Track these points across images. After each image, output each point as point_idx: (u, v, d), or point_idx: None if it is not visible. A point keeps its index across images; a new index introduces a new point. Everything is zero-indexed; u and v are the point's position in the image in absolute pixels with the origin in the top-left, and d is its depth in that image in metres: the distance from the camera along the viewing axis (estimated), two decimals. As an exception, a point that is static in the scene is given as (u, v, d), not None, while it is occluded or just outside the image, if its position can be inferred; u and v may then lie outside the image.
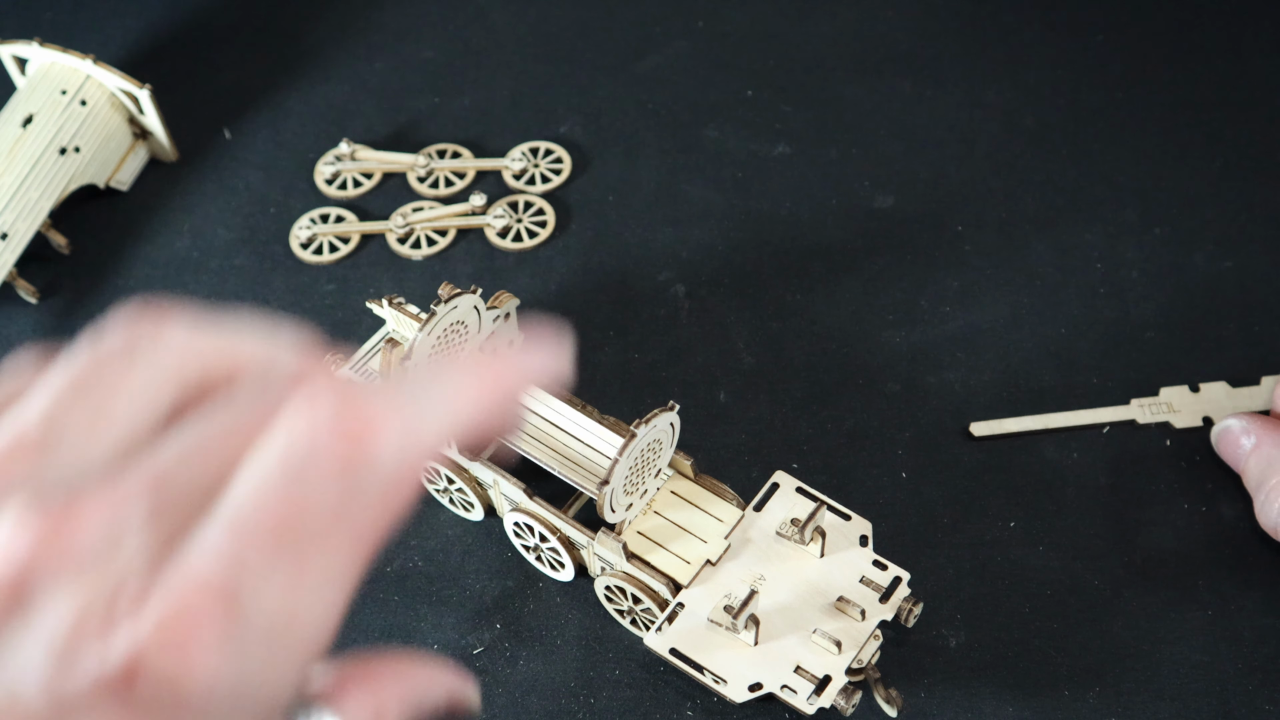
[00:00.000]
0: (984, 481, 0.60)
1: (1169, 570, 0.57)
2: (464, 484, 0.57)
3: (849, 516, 0.54)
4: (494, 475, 0.55)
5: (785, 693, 0.49)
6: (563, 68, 0.79)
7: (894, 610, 0.51)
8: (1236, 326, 0.65)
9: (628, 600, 0.54)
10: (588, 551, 0.54)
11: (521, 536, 0.57)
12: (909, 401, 0.63)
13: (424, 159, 0.73)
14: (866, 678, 0.51)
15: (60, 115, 0.67)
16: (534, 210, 0.71)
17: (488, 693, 0.55)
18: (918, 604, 0.52)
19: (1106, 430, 0.61)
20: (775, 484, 0.55)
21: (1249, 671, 0.54)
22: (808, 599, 0.52)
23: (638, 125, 0.75)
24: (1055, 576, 0.57)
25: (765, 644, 0.50)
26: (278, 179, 0.74)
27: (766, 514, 0.54)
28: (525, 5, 0.82)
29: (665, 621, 0.51)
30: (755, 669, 0.50)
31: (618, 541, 0.53)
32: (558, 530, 0.55)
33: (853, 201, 0.71)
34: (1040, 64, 0.77)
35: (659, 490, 0.56)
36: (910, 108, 0.75)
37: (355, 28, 0.82)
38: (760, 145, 0.74)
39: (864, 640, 0.51)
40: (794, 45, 0.79)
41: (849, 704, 0.50)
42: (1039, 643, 0.55)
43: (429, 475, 0.57)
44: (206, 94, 0.78)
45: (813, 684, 0.49)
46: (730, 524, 0.54)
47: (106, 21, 0.82)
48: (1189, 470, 0.60)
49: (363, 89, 0.78)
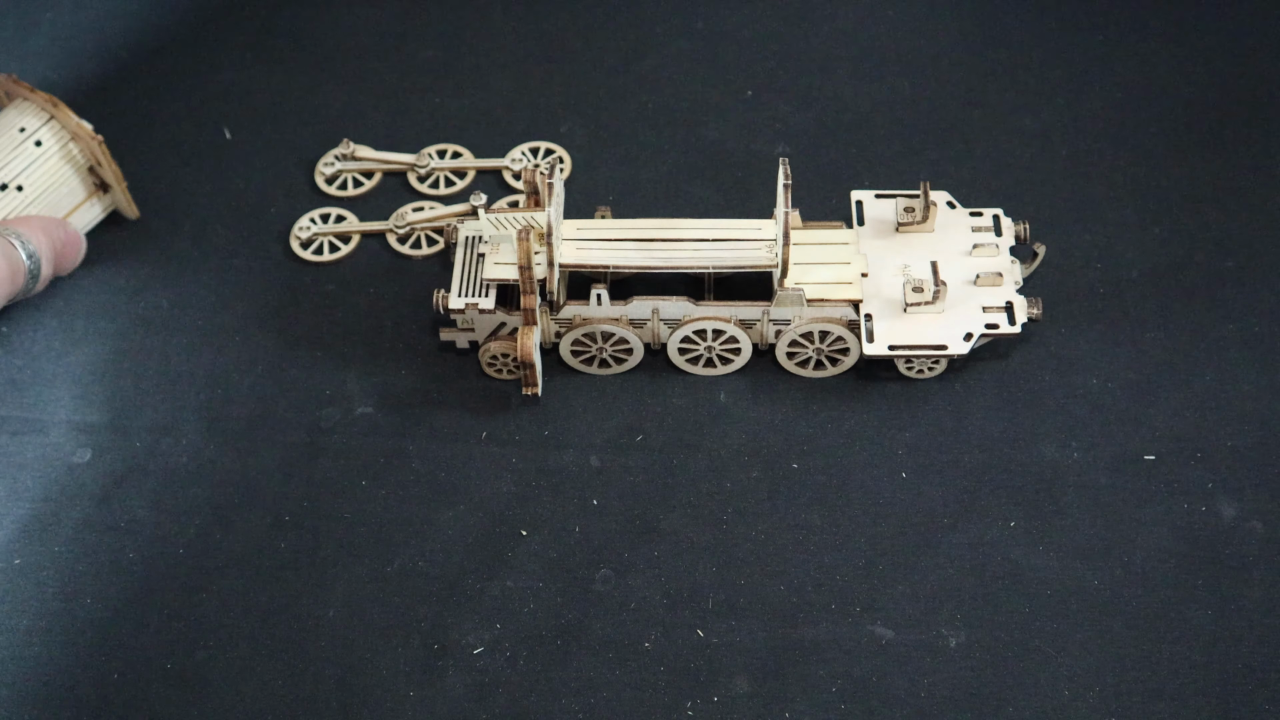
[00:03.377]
0: (984, 481, 0.60)
1: (1169, 570, 0.57)
2: (621, 332, 0.62)
3: (927, 193, 0.63)
4: (652, 305, 0.61)
5: (991, 329, 0.60)
6: (563, 68, 0.79)
7: (1013, 233, 0.63)
8: (1237, 327, 0.65)
9: (814, 342, 0.62)
10: (762, 322, 0.61)
11: (691, 348, 0.62)
12: (909, 401, 0.63)
13: (424, 159, 0.73)
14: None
15: (11, 151, 0.66)
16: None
17: (488, 693, 0.55)
18: (1020, 222, 0.63)
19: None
20: (859, 201, 0.65)
21: (1249, 671, 0.54)
22: (949, 260, 0.62)
23: (638, 125, 0.75)
24: (1055, 576, 0.57)
25: (949, 308, 0.60)
26: (278, 179, 0.74)
27: (871, 223, 0.64)
28: (525, 5, 0.82)
29: (867, 333, 0.60)
30: (954, 327, 0.60)
31: (795, 291, 0.60)
32: (730, 319, 0.61)
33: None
34: (1040, 64, 0.77)
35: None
36: (910, 108, 0.75)
37: (355, 28, 0.82)
38: (760, 145, 0.74)
39: (1011, 262, 0.62)
40: (794, 45, 0.79)
41: (1039, 311, 0.61)
42: (1039, 643, 0.55)
43: (580, 346, 0.63)
44: (206, 94, 0.78)
45: (1005, 311, 0.60)
46: (852, 243, 0.63)
47: (106, 22, 0.82)
48: (1189, 470, 0.60)
49: (363, 89, 0.78)
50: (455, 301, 0.62)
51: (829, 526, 0.59)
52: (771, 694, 0.54)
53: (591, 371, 0.64)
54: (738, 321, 0.62)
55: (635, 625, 0.57)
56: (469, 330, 0.63)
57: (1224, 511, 0.59)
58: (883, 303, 0.61)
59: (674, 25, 0.81)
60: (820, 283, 0.62)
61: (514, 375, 0.64)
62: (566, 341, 0.62)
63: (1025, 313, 0.60)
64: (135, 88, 0.79)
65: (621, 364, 0.64)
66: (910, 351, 0.60)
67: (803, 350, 0.63)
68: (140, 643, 0.57)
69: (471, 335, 0.64)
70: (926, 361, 0.62)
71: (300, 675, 0.56)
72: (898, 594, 0.57)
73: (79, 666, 0.56)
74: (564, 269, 0.61)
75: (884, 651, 0.55)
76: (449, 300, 0.62)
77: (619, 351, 0.63)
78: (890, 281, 0.62)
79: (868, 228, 0.64)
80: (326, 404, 0.64)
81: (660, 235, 0.62)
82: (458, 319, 0.63)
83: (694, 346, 0.63)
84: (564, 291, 0.63)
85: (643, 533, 0.59)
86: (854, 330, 0.61)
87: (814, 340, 0.62)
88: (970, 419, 0.62)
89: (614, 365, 0.64)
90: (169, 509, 0.61)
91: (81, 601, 0.58)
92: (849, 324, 0.61)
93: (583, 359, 0.64)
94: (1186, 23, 0.79)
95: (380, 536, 0.60)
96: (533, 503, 0.60)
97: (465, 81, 0.78)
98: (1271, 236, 0.68)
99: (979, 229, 0.63)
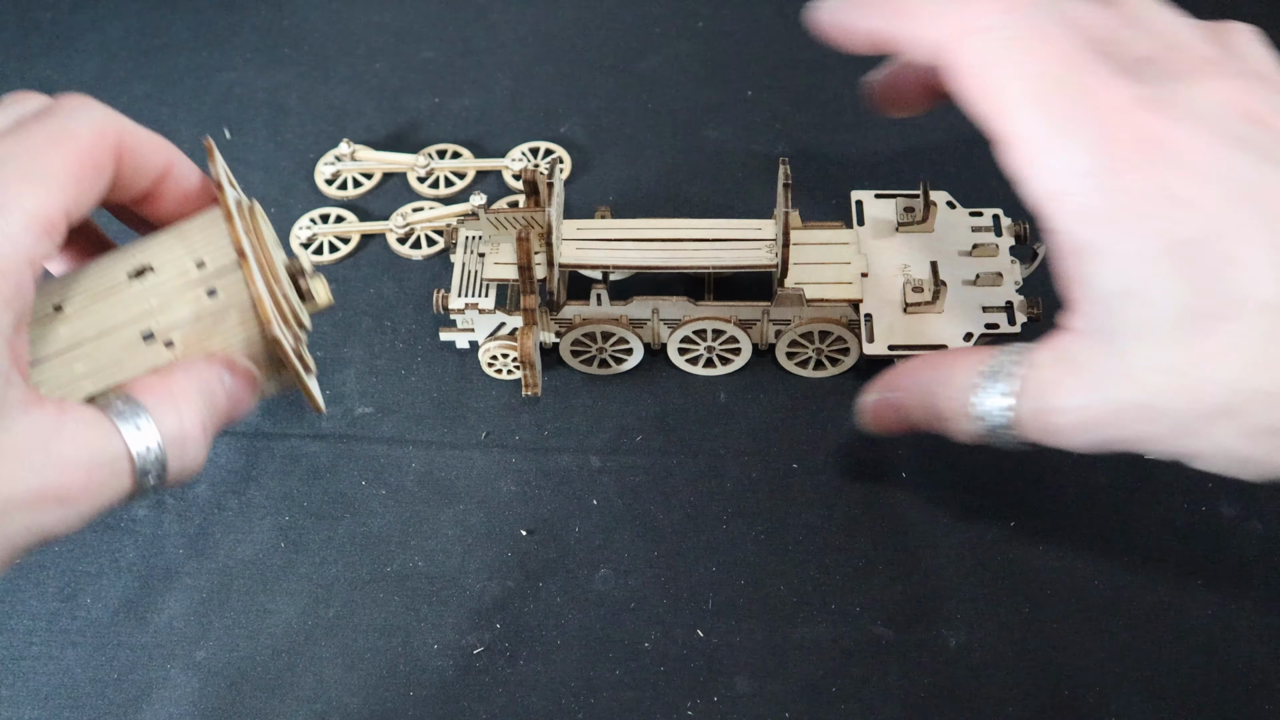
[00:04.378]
0: (983, 481, 0.60)
1: (1169, 570, 0.57)
2: (621, 332, 0.62)
3: (927, 193, 0.63)
4: (651, 305, 0.61)
5: (991, 329, 0.59)
6: (563, 68, 0.79)
7: (1013, 233, 0.63)
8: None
9: (814, 343, 0.62)
10: (761, 323, 0.61)
11: (691, 348, 0.63)
12: (909, 401, 0.63)
13: (424, 159, 0.73)
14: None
15: (176, 290, 0.43)
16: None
17: (488, 693, 0.55)
18: (1019, 222, 0.63)
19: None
20: (859, 201, 0.65)
21: (1249, 671, 0.54)
22: (949, 260, 0.62)
23: (638, 125, 0.75)
24: (1055, 576, 0.57)
25: (948, 308, 0.60)
26: (278, 179, 0.74)
27: (871, 224, 0.64)
28: (525, 5, 0.82)
29: (867, 333, 0.60)
30: (954, 327, 0.60)
31: (795, 292, 0.60)
32: (730, 318, 0.61)
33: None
34: (1040, 64, 0.77)
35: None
36: (910, 108, 0.75)
37: (355, 28, 0.82)
38: (760, 145, 0.74)
39: (1011, 262, 0.62)
40: (794, 45, 0.79)
41: (1039, 311, 0.60)
42: (1039, 643, 0.55)
43: (580, 346, 0.62)
44: (206, 94, 0.78)
45: (1005, 311, 0.60)
46: (852, 243, 0.62)
47: (107, 22, 0.82)
48: (1189, 470, 0.60)
49: (363, 89, 0.78)
50: (455, 301, 0.62)
51: (829, 526, 0.59)
52: (771, 694, 0.54)
53: (591, 371, 0.64)
54: (737, 321, 0.62)
55: (635, 625, 0.57)
56: (469, 330, 0.63)
57: (1224, 511, 0.59)
58: (883, 303, 0.61)
59: (674, 25, 0.81)
60: (820, 283, 0.62)
61: (514, 375, 0.64)
62: (566, 341, 0.62)
63: (1025, 313, 0.61)
64: (135, 88, 0.79)
65: (621, 364, 0.64)
66: (910, 351, 0.60)
67: (803, 350, 0.63)
68: (140, 642, 0.57)
69: (471, 335, 0.64)
70: None
71: (300, 675, 0.56)
72: (897, 594, 0.57)
73: (79, 666, 0.56)
74: (564, 269, 0.61)
75: (884, 651, 0.55)
76: (449, 300, 0.62)
77: (619, 351, 0.63)
78: (890, 281, 0.62)
79: (868, 227, 0.64)
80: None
81: (660, 235, 0.62)
82: (458, 319, 0.63)
83: (694, 346, 0.63)
84: (564, 291, 0.63)
85: (643, 533, 0.59)
86: (854, 330, 0.61)
87: (814, 340, 0.62)
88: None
89: (614, 365, 0.64)
90: (169, 509, 0.61)
91: (81, 601, 0.58)
92: (849, 324, 0.61)
93: (582, 359, 0.64)
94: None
95: (380, 536, 0.60)
96: (533, 503, 0.60)
97: (465, 81, 0.78)
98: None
99: (979, 229, 0.63)
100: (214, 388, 0.41)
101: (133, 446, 0.37)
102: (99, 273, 0.43)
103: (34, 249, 0.36)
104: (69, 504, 0.36)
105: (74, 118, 0.40)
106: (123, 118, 0.42)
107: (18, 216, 0.36)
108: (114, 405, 0.38)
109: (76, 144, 0.39)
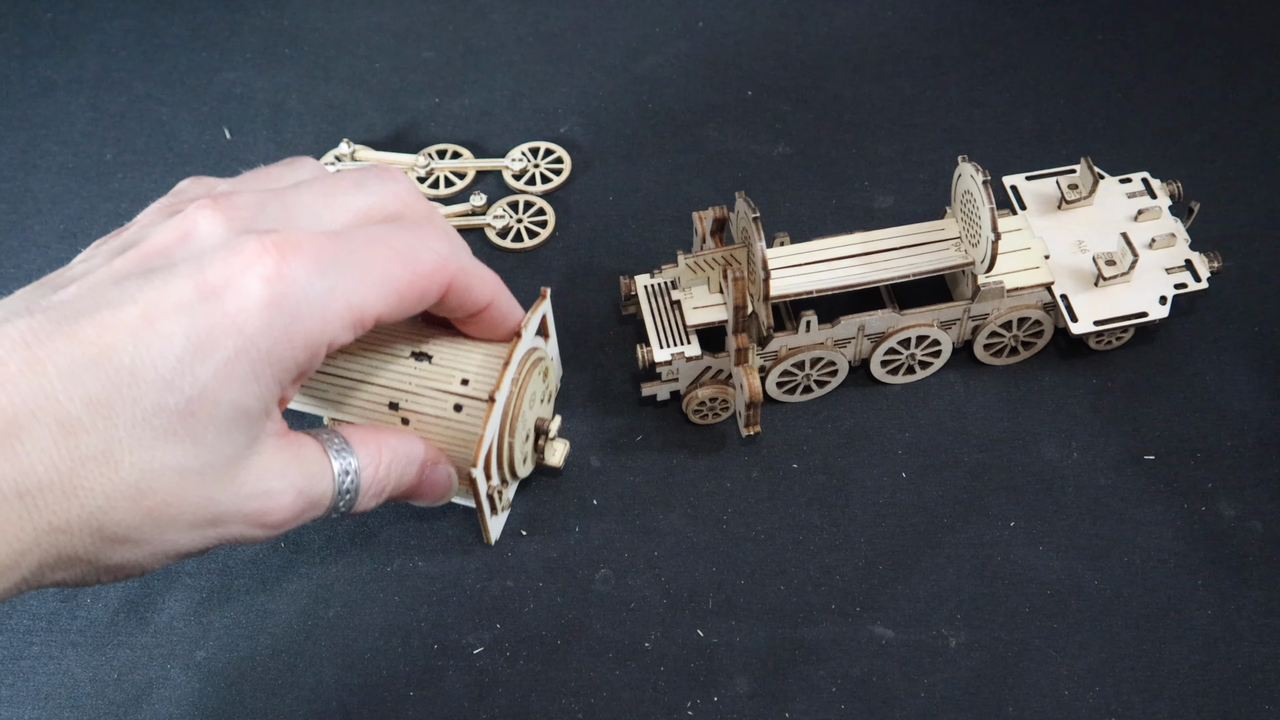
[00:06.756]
0: (984, 481, 0.60)
1: (1169, 570, 0.57)
2: (829, 355, 0.61)
3: (1092, 168, 0.64)
4: (858, 322, 0.60)
5: (1180, 289, 0.61)
6: (563, 68, 0.79)
7: (1168, 192, 0.65)
8: (1237, 327, 0.65)
9: (1013, 330, 0.62)
10: (962, 321, 0.62)
11: (894, 359, 0.62)
12: (909, 401, 0.63)
13: (424, 159, 0.73)
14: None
15: (449, 398, 0.51)
16: (534, 210, 0.71)
17: (488, 693, 0.55)
18: (1172, 182, 0.65)
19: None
20: (1013, 185, 0.66)
21: (1249, 671, 0.54)
22: (1113, 229, 0.63)
23: (638, 125, 0.75)
24: (1055, 576, 0.57)
25: (1136, 276, 0.62)
26: (278, 179, 0.74)
27: (1033, 203, 0.65)
28: (525, 5, 0.82)
29: (1068, 312, 0.61)
30: (1145, 293, 0.61)
31: (996, 284, 0.60)
32: (933, 322, 0.61)
33: (853, 201, 0.71)
34: (1040, 64, 0.77)
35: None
36: (910, 108, 0.75)
37: (355, 28, 0.82)
38: (760, 145, 0.74)
39: (1175, 225, 0.63)
40: (794, 45, 0.79)
41: (1220, 264, 0.62)
42: (1039, 643, 0.55)
43: (787, 376, 0.61)
44: (206, 94, 0.78)
45: (1187, 269, 0.62)
46: (1025, 228, 0.63)
47: (107, 22, 0.82)
48: (1189, 470, 0.60)
49: (363, 89, 0.78)
50: (660, 354, 0.60)
51: (829, 526, 0.59)
52: (771, 694, 0.54)
53: (794, 400, 0.63)
54: (939, 324, 0.62)
55: (635, 625, 0.57)
56: (673, 380, 0.62)
57: (1224, 511, 0.59)
58: (1071, 281, 0.62)
59: (674, 25, 0.81)
60: (1010, 271, 0.62)
61: (719, 418, 0.63)
62: (775, 373, 0.61)
63: (1207, 267, 0.62)
64: (135, 88, 0.79)
65: (825, 387, 0.63)
66: (1115, 324, 0.61)
67: (999, 340, 0.63)
68: (140, 642, 0.57)
69: (674, 385, 0.62)
70: (1116, 332, 0.63)
71: (300, 675, 0.56)
72: (898, 594, 0.57)
73: (79, 666, 0.56)
74: (774, 300, 0.59)
75: (884, 651, 0.55)
76: (653, 354, 0.60)
77: (824, 375, 0.63)
78: (1069, 259, 0.63)
79: (1031, 210, 0.65)
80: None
81: (851, 252, 0.61)
82: (663, 370, 0.61)
83: (896, 357, 0.63)
84: (770, 324, 0.60)
85: (643, 533, 0.59)
86: (1049, 312, 0.62)
87: (1012, 328, 0.63)
88: (970, 419, 0.62)
89: (817, 390, 0.63)
90: (169, 509, 0.61)
91: (81, 601, 0.58)
92: (1045, 306, 0.62)
93: (786, 389, 0.63)
94: (1186, 23, 0.79)
95: (380, 536, 0.60)
96: (533, 503, 0.60)
97: (465, 81, 0.78)
98: (1272, 236, 0.68)
99: (1133, 194, 0.65)
100: (413, 467, 0.49)
101: (339, 484, 0.45)
102: (388, 334, 0.52)
103: (339, 335, 0.42)
104: (272, 527, 0.43)
105: (425, 243, 0.45)
106: (464, 255, 0.47)
107: (342, 306, 0.42)
108: (333, 442, 0.46)
109: (416, 269, 0.44)
